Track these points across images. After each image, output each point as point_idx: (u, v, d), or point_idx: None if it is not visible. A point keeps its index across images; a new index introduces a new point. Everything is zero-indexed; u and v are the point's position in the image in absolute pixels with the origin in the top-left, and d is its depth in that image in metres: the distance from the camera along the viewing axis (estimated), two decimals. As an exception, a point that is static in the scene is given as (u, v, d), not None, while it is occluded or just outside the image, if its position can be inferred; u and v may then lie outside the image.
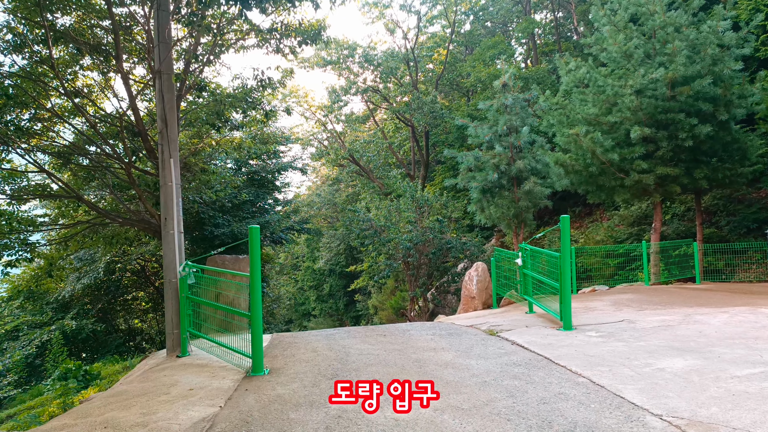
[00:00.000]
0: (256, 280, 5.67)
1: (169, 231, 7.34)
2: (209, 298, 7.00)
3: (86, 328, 16.06)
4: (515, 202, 11.69)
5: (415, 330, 8.24)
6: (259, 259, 5.68)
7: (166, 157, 7.40)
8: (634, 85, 12.17)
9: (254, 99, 10.45)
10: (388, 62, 23.36)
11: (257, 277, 5.67)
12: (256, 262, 5.64)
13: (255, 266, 5.65)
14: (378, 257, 20.77)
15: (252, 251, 5.62)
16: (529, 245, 9.15)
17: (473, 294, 11.21)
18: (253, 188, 15.96)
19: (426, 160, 26.33)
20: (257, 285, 5.70)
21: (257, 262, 5.65)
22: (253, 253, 5.63)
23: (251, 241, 5.63)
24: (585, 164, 12.73)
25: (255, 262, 5.64)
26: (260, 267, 5.75)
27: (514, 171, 11.33)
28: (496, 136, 11.69)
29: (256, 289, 5.69)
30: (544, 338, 6.74)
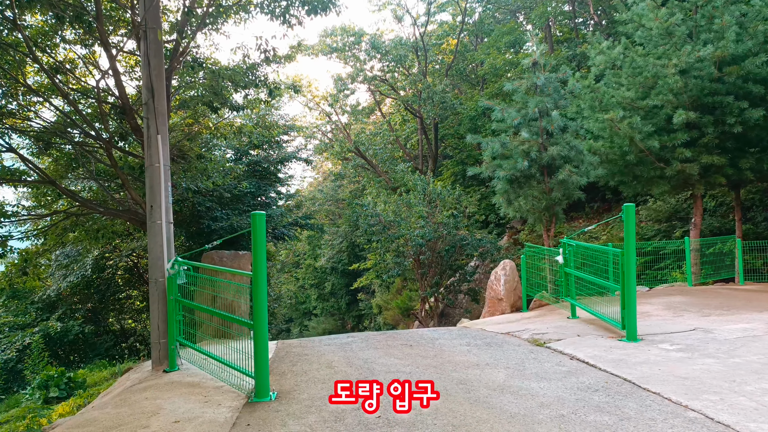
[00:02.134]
0: (261, 281, 4.49)
1: (155, 221, 6.15)
2: (203, 301, 5.81)
3: (73, 329, 14.86)
4: (546, 194, 10.49)
5: (444, 339, 7.06)
6: (264, 255, 4.50)
7: (153, 133, 6.20)
8: (679, 65, 10.96)
9: (257, 76, 9.25)
10: (396, 49, 22.11)
11: (262, 276, 4.50)
12: (260, 257, 4.46)
13: (260, 263, 4.47)
14: (386, 254, 19.57)
15: (256, 244, 4.44)
16: (574, 240, 7.97)
17: (500, 295, 10.03)
18: (254, 180, 14.76)
19: (435, 153, 25.12)
20: (262, 286, 4.52)
21: (262, 258, 4.47)
22: (258, 246, 4.45)
23: (255, 232, 4.45)
24: (621, 152, 11.53)
25: (260, 258, 4.46)
26: (266, 264, 4.57)
27: (546, 159, 10.13)
28: (525, 120, 10.48)
29: (261, 292, 4.51)
30: (608, 351, 5.56)
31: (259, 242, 4.44)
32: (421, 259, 16.92)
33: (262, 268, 4.48)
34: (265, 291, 4.55)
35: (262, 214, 4.49)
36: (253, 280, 4.50)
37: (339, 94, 23.42)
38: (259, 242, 4.44)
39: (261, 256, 4.46)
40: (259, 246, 4.44)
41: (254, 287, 4.51)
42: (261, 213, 4.49)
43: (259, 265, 4.47)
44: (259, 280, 4.48)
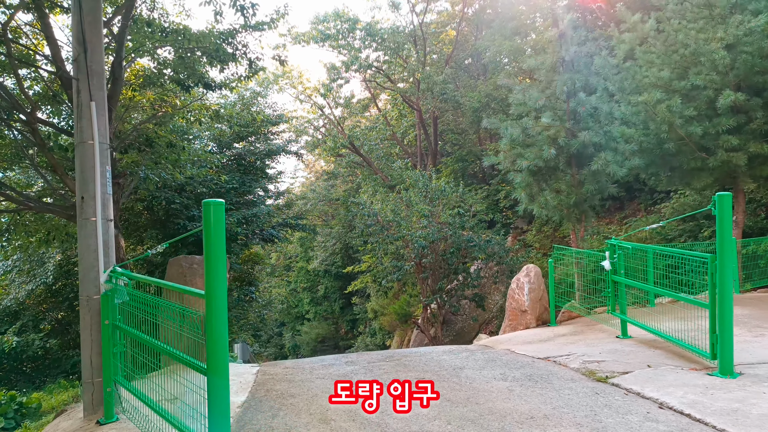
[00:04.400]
0: (218, 304, 2.93)
1: (87, 217, 4.57)
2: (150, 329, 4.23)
3: (34, 344, 13.17)
4: (574, 187, 8.99)
5: (470, 368, 5.52)
6: (222, 264, 2.94)
7: (84, 100, 4.62)
8: (725, 38, 9.51)
9: (234, 46, 7.67)
10: (394, 36, 20.56)
11: (220, 296, 2.93)
12: (217, 268, 2.91)
13: (216, 277, 2.91)
14: (384, 257, 18.00)
15: (211, 249, 2.88)
16: (626, 242, 6.48)
17: (524, 306, 8.52)
18: (237, 174, 13.16)
19: (434, 149, 23.60)
20: (219, 312, 2.95)
21: (219, 269, 2.92)
22: (213, 252, 2.89)
23: (209, 231, 2.89)
24: (657, 140, 10.06)
25: (215, 270, 2.90)
26: (225, 278, 3.00)
27: (577, 146, 8.63)
28: (551, 102, 8.98)
29: (218, 321, 2.94)
30: (706, 395, 4.04)
31: (214, 246, 2.88)
32: (423, 262, 15.37)
33: (218, 285, 2.91)
34: (224, 319, 2.99)
35: (219, 203, 2.92)
36: (207, 302, 2.94)
37: (332, 84, 21.81)
38: (215, 246, 2.88)
39: (217, 267, 2.90)
40: (215, 252, 2.88)
41: (208, 314, 2.94)
42: (218, 202, 2.92)
43: (214, 281, 2.90)
44: (214, 303, 2.92)
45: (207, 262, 2.88)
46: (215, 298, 2.90)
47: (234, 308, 15.59)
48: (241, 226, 12.70)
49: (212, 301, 2.90)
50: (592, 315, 8.24)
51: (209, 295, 2.90)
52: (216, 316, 2.92)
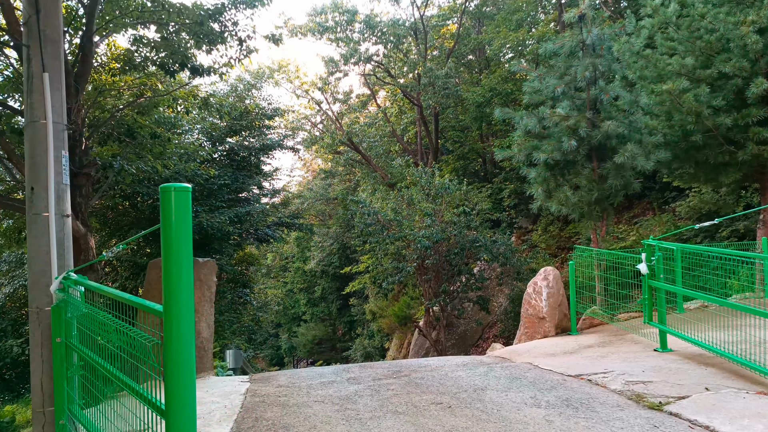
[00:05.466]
0: (181, 325, 2.14)
1: (38, 212, 3.79)
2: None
3: (11, 351, 12.34)
4: (596, 182, 8.24)
5: (494, 389, 4.76)
6: (189, 271, 2.16)
7: (36, 70, 3.84)
8: (758, 21, 8.78)
9: (223, 24, 6.88)
10: (395, 28, 19.77)
11: (183, 313, 2.15)
12: (179, 277, 2.12)
13: (177, 288, 2.13)
14: (384, 258, 17.23)
15: (171, 249, 2.10)
16: (667, 242, 5.74)
17: (542, 313, 7.77)
18: (230, 170, 12.35)
19: (435, 146, 22.85)
20: (184, 336, 2.16)
21: (183, 277, 2.13)
22: (174, 253, 2.11)
23: (168, 224, 2.11)
24: (683, 133, 9.32)
25: (177, 278, 2.12)
26: (191, 287, 2.22)
27: (599, 137, 7.88)
28: (570, 89, 8.23)
29: (181, 349, 2.16)
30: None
31: (176, 246, 2.10)
32: (426, 263, 14.61)
33: (181, 298, 2.13)
34: (189, 342, 2.20)
35: (184, 188, 2.14)
36: (166, 322, 2.15)
37: (330, 77, 20.99)
38: (177, 246, 2.10)
39: (180, 274, 2.12)
40: (176, 253, 2.10)
41: (167, 338, 2.15)
42: (183, 186, 2.14)
43: (176, 293, 2.12)
44: (176, 323, 2.13)
45: (166, 268, 2.10)
46: (177, 315, 2.12)
47: (226, 312, 14.79)
48: (233, 225, 11.91)
49: (173, 321, 2.12)
50: (617, 322, 7.50)
51: (169, 312, 2.12)
52: (178, 340, 2.14)
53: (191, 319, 2.19)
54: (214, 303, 7.34)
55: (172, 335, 2.11)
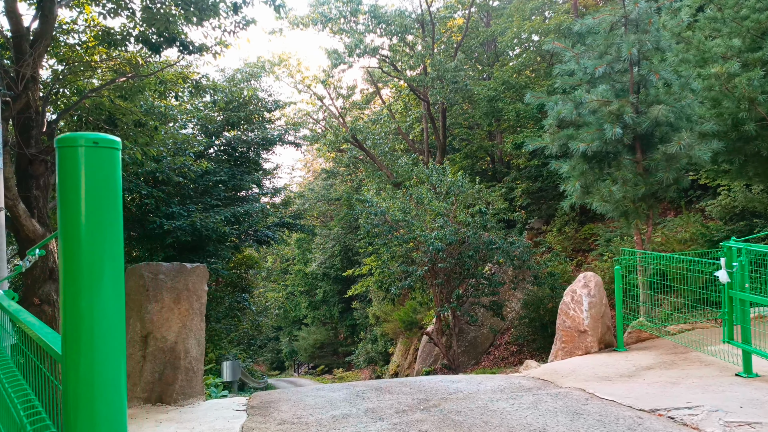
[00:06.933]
0: (100, 377, 1.12)
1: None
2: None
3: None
4: (642, 176, 7.23)
5: (554, 429, 3.75)
6: (115, 289, 1.14)
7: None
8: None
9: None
10: (401, 18, 18.78)
11: (103, 358, 1.13)
12: (97, 297, 1.10)
13: (90, 319, 1.10)
14: (390, 261, 16.22)
15: (74, 253, 1.08)
16: (757, 245, 4.74)
17: (583, 326, 6.77)
18: (227, 166, 11.34)
19: (443, 143, 21.85)
20: (106, 397, 1.14)
21: (107, 297, 1.12)
22: (84, 259, 1.09)
23: (73, 200, 1.09)
24: (733, 122, 8.32)
25: (93, 301, 1.10)
26: (122, 301, 1.58)
27: (646, 124, 6.89)
28: (612, 70, 7.23)
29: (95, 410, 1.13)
30: None
31: (87, 246, 1.09)
32: (440, 267, 13.61)
33: (99, 332, 1.11)
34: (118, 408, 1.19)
35: (109, 143, 1.13)
36: (64, 369, 1.13)
37: (334, 69, 19.98)
38: (89, 246, 1.09)
39: (98, 291, 1.10)
40: (88, 258, 1.09)
41: (66, 401, 1.13)
42: (104, 140, 1.13)
43: (86, 325, 1.10)
44: (88, 372, 1.11)
45: (65, 285, 1.08)
46: (87, 360, 1.10)
47: (224, 319, 13.77)
48: (230, 225, 10.90)
49: (79, 371, 1.10)
50: (672, 337, 6.49)
51: (72, 356, 1.10)
52: (88, 405, 1.11)
53: (119, 363, 1.16)
54: (205, 314, 6.32)
55: (77, 399, 1.09)
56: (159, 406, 5.38)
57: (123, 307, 1.14)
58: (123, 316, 1.14)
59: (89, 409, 1.10)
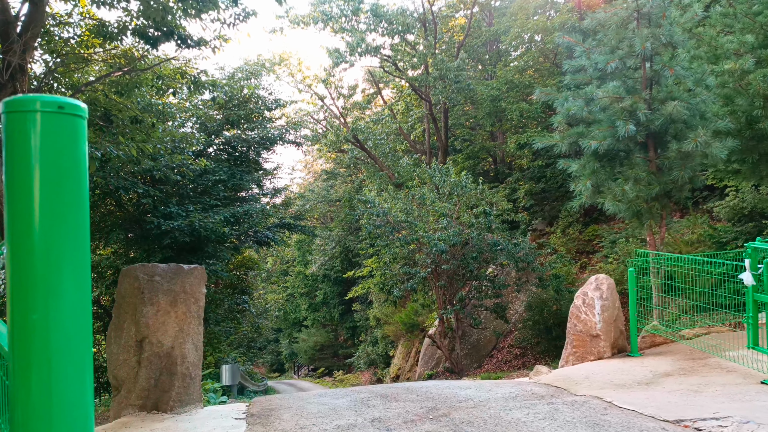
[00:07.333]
0: (53, 382, 0.89)
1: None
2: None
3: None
4: (655, 175, 7.00)
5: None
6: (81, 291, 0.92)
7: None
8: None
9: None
10: (403, 16, 18.58)
11: (57, 360, 0.89)
12: (56, 294, 0.87)
13: (44, 323, 0.87)
14: (392, 263, 15.99)
15: (27, 247, 0.85)
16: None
17: (596, 330, 6.54)
18: (226, 165, 11.11)
19: (445, 144, 21.63)
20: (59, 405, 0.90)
21: (68, 296, 0.88)
22: (37, 255, 0.85)
23: (26, 180, 0.85)
24: (747, 120, 8.10)
25: (49, 298, 0.86)
26: (88, 306, 1.23)
27: (660, 121, 6.67)
28: (624, 66, 7.01)
29: None
30: None
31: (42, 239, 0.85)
32: (443, 268, 13.37)
33: (55, 336, 0.88)
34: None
35: (73, 107, 0.90)
36: (12, 373, 0.89)
37: (335, 68, 19.76)
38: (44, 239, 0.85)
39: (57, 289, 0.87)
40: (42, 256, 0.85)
41: (13, 402, 0.89)
42: (67, 103, 0.90)
43: (39, 330, 0.87)
44: (38, 375, 0.88)
45: (12, 284, 0.84)
46: (38, 364, 0.86)
47: (223, 321, 13.52)
48: (230, 226, 10.67)
49: (31, 374, 0.86)
50: (689, 342, 6.25)
51: (21, 356, 0.86)
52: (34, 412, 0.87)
53: (85, 364, 0.92)
54: (204, 317, 6.08)
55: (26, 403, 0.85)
56: (155, 414, 5.12)
57: (90, 314, 0.90)
58: (89, 321, 0.91)
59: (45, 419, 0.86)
